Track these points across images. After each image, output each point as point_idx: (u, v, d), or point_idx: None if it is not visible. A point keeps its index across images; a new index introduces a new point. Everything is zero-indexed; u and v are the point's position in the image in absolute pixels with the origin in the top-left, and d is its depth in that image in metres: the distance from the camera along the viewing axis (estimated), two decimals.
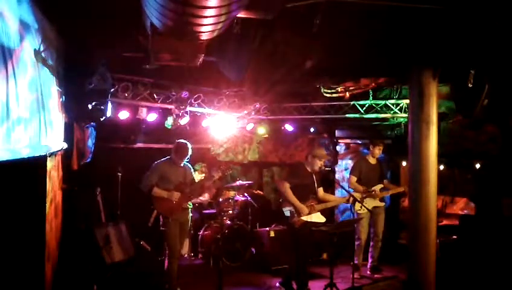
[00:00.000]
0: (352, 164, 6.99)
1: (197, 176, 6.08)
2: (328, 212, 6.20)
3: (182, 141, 5.48)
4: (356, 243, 6.35)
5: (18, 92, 2.63)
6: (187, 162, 5.56)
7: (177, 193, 5.29)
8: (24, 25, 2.96)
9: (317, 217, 5.41)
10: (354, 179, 6.40)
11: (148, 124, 7.02)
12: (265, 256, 6.70)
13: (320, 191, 5.66)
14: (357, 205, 6.04)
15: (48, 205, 4.12)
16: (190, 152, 5.44)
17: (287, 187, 5.35)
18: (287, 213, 5.38)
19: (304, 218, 5.31)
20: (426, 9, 3.95)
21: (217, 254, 6.33)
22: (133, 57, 5.24)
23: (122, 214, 6.68)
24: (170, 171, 5.39)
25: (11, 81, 2.49)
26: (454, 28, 4.32)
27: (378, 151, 6.48)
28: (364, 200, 6.02)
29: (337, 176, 8.64)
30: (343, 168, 8.79)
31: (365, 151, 6.75)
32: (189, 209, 5.64)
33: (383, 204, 6.50)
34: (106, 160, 6.72)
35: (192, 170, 5.67)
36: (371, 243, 6.47)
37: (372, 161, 6.51)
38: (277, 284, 5.76)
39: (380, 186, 6.41)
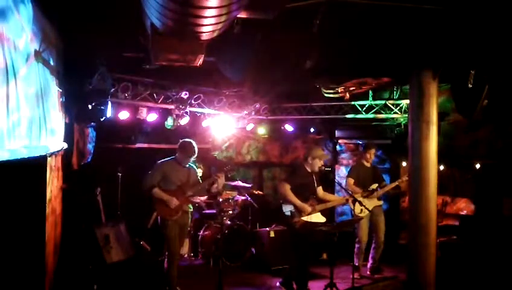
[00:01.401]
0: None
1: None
2: (328, 213, 6.20)
3: (187, 139, 5.39)
4: (356, 245, 6.34)
5: (18, 93, 2.64)
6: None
7: (176, 200, 5.19)
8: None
9: (317, 217, 5.40)
10: (352, 181, 6.44)
11: (148, 124, 7.02)
12: (265, 256, 6.70)
13: (320, 190, 5.66)
14: (357, 209, 6.04)
15: (47, 205, 4.12)
16: (196, 151, 5.35)
17: (287, 188, 5.34)
18: (288, 213, 5.37)
19: (304, 218, 5.30)
20: (426, 9, 3.95)
21: (217, 254, 6.33)
22: (133, 57, 5.25)
23: (122, 214, 6.68)
24: (173, 172, 5.31)
25: (12, 83, 2.49)
26: (454, 29, 4.32)
27: (369, 155, 6.51)
28: (363, 201, 6.03)
29: (341, 181, 8.62)
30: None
31: None
32: (190, 213, 5.54)
33: (381, 202, 6.53)
34: (106, 160, 6.70)
35: (197, 171, 5.58)
36: (373, 245, 6.46)
37: (367, 164, 6.56)
38: (277, 284, 5.75)
39: (375, 185, 6.44)
